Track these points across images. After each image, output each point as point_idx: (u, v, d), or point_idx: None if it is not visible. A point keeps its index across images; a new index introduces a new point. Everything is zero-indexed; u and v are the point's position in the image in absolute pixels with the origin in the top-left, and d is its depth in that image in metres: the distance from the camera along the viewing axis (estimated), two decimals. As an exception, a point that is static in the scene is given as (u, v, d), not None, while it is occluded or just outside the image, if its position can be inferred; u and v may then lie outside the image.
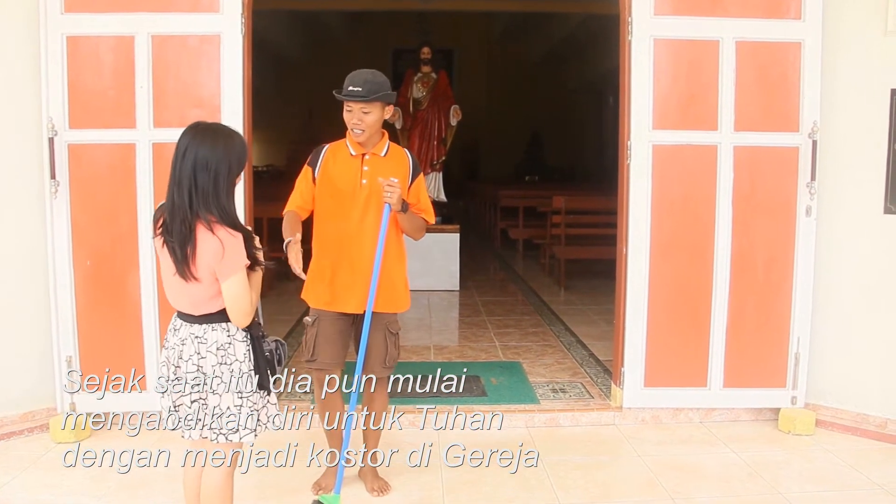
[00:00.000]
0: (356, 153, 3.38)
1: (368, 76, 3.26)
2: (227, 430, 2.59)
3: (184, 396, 2.59)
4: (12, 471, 3.75)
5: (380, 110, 3.30)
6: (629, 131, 4.29)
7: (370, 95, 3.21)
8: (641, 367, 4.41)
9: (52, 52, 4.08)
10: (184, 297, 2.58)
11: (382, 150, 3.41)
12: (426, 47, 8.72)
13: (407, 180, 3.41)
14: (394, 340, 3.47)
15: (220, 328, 2.58)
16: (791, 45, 4.24)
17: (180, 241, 2.47)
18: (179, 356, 2.59)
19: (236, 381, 2.59)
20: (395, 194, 3.22)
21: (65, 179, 4.13)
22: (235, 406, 2.59)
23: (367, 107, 3.24)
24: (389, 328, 3.44)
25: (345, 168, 3.37)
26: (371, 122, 3.28)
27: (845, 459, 3.97)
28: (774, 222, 4.33)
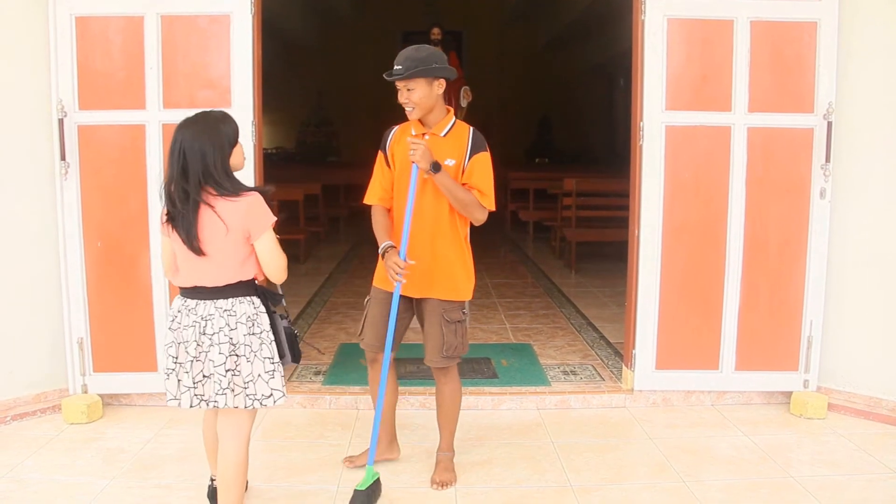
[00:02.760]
0: (416, 133, 3.31)
1: (411, 52, 3.18)
2: (262, 396, 2.74)
3: (216, 367, 2.69)
4: (25, 451, 3.77)
5: (425, 86, 3.19)
6: (641, 112, 4.26)
7: (407, 72, 3.13)
8: (653, 349, 4.39)
9: (61, 32, 4.06)
10: (206, 272, 2.70)
11: (443, 130, 3.30)
12: (436, 28, 8.67)
13: (462, 159, 3.27)
14: (453, 329, 3.33)
15: (246, 301, 2.74)
16: (806, 25, 4.18)
17: (186, 219, 2.63)
18: (202, 332, 2.69)
19: (266, 348, 2.76)
20: (416, 151, 3.13)
21: (75, 161, 4.13)
22: (267, 372, 2.75)
23: (410, 83, 3.17)
24: (445, 316, 3.33)
25: (406, 149, 3.26)
26: (418, 98, 3.19)
27: (857, 443, 3.95)
28: (788, 204, 4.29)
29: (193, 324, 2.71)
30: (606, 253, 8.54)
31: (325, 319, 6.16)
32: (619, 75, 13.67)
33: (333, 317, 6.25)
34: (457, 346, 3.36)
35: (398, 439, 3.73)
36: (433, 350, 3.36)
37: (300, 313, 6.29)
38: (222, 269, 2.70)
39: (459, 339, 3.37)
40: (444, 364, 3.38)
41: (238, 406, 2.73)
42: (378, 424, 3.35)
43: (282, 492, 3.36)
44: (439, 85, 3.23)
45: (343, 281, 7.81)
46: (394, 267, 3.17)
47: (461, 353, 3.39)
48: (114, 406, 4.36)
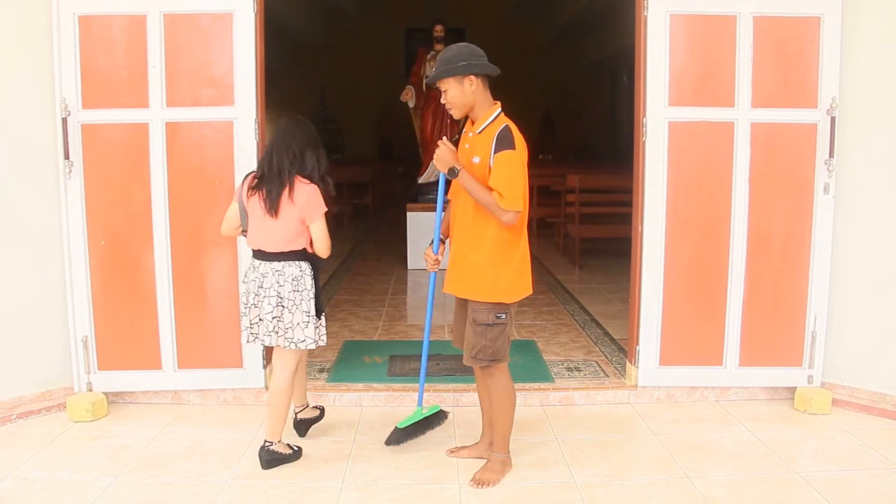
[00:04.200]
0: (467, 130, 3.38)
1: (443, 55, 3.25)
2: (297, 340, 3.47)
3: (265, 314, 3.44)
4: (31, 449, 3.78)
5: (457, 84, 3.22)
6: (645, 108, 4.25)
7: (436, 75, 3.21)
8: (657, 345, 4.39)
9: (65, 31, 4.07)
10: (274, 238, 3.45)
11: (480, 127, 3.29)
12: (439, 25, 8.65)
13: (487, 157, 3.22)
14: (480, 331, 3.30)
15: (294, 265, 3.47)
16: (810, 20, 4.17)
17: (275, 190, 3.39)
18: (260, 286, 3.46)
19: (305, 303, 3.47)
20: (437, 153, 3.24)
21: (79, 159, 4.14)
22: (304, 322, 3.46)
23: (442, 84, 3.23)
24: (473, 317, 3.33)
25: (459, 147, 3.38)
26: (451, 98, 3.24)
27: (862, 439, 3.94)
28: (792, 200, 4.29)
29: (255, 279, 3.48)
30: (610, 249, 8.53)
31: (330, 317, 6.16)
32: (623, 71, 13.66)
33: (337, 314, 6.26)
34: (481, 348, 3.31)
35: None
36: (465, 348, 3.40)
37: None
38: (281, 238, 3.43)
39: (486, 342, 3.31)
40: (471, 363, 3.39)
41: (281, 345, 3.48)
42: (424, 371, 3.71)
43: (286, 489, 3.37)
44: (470, 82, 3.22)
45: (347, 279, 7.81)
46: (425, 257, 3.50)
47: (491, 357, 3.33)
48: (118, 404, 4.37)
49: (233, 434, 3.98)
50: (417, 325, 6.08)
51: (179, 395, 4.38)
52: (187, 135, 4.20)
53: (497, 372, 3.41)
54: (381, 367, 4.83)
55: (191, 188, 4.21)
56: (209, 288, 4.29)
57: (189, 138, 4.20)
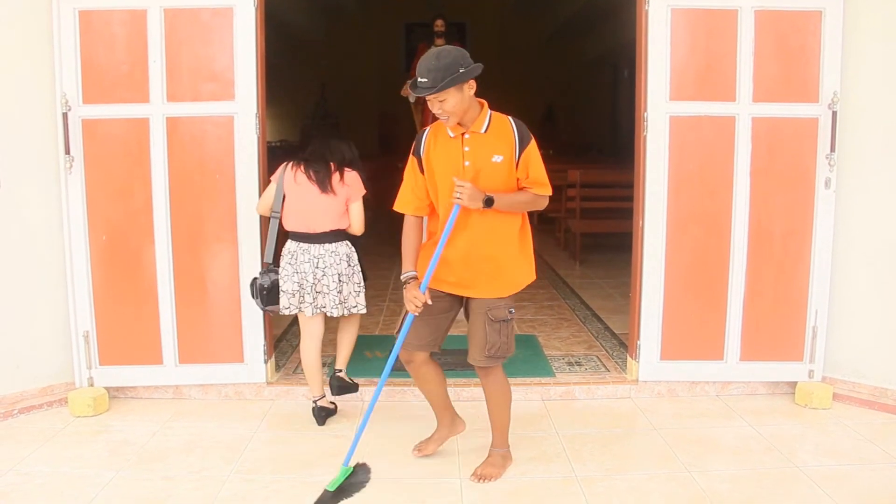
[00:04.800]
0: (455, 134, 3.16)
1: (432, 63, 2.98)
2: (351, 307, 4.03)
3: (330, 290, 3.94)
4: (32, 444, 3.79)
5: (457, 93, 3.02)
6: (646, 103, 4.25)
7: (437, 86, 2.96)
8: (657, 340, 4.39)
9: (65, 26, 4.06)
10: (326, 217, 3.92)
11: (483, 126, 3.16)
12: (440, 20, 8.63)
13: (513, 155, 3.15)
14: (497, 328, 3.24)
15: (343, 244, 4.00)
16: (811, 14, 4.16)
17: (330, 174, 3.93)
18: (316, 266, 3.93)
19: (356, 276, 4.04)
20: (465, 194, 3.01)
21: (79, 154, 4.14)
22: (356, 291, 4.04)
23: (440, 95, 3.00)
24: (490, 314, 3.24)
25: (446, 151, 3.17)
26: (451, 107, 3.04)
27: (863, 433, 3.94)
28: (793, 194, 4.28)
29: (309, 260, 3.92)
30: (611, 244, 8.53)
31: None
32: (624, 66, 13.64)
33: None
34: (500, 345, 3.27)
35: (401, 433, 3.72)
36: (476, 349, 3.29)
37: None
38: (333, 216, 3.92)
39: (504, 339, 3.27)
40: (487, 364, 3.31)
41: (343, 314, 4.01)
42: (364, 426, 3.37)
43: (288, 483, 3.37)
44: (469, 87, 3.08)
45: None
46: (413, 301, 3.17)
47: (506, 353, 3.31)
48: (120, 399, 4.37)
49: (234, 429, 3.99)
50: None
51: (180, 389, 4.38)
52: (188, 130, 4.19)
53: (498, 369, 3.39)
54: (383, 362, 4.81)
55: (192, 183, 4.21)
56: (210, 283, 4.30)
57: (190, 133, 4.20)
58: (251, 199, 4.21)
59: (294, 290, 3.95)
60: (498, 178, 3.15)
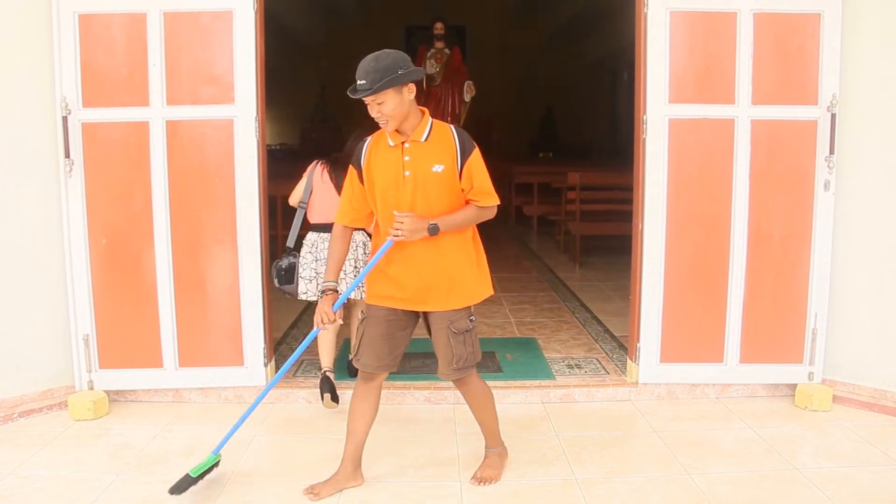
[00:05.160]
0: (395, 143, 3.07)
1: (370, 65, 2.91)
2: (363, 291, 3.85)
3: (347, 275, 4.24)
4: (32, 448, 3.79)
5: (396, 95, 2.94)
6: (645, 105, 4.25)
7: (374, 86, 2.88)
8: (657, 342, 4.39)
9: (65, 30, 4.07)
10: None
11: (423, 134, 3.06)
12: (439, 23, 8.67)
13: (455, 164, 3.06)
14: (461, 340, 3.17)
15: (360, 233, 4.31)
16: (810, 17, 4.17)
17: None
18: None
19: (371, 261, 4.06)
20: (405, 230, 2.96)
21: (79, 158, 4.14)
22: None
23: (379, 97, 2.93)
24: (452, 327, 3.16)
25: (386, 160, 3.08)
26: (390, 110, 2.96)
27: (862, 435, 3.94)
28: (792, 197, 4.29)
29: (326, 249, 4.19)
30: (611, 247, 8.54)
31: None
32: (623, 69, 13.66)
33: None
34: (467, 356, 3.21)
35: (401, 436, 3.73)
36: (444, 363, 3.23)
37: (304, 309, 6.30)
38: None
39: (469, 349, 3.21)
40: (456, 376, 3.25)
41: (360, 297, 4.15)
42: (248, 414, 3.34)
43: (288, 486, 3.37)
44: (409, 90, 2.99)
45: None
46: (322, 315, 3.09)
47: (473, 362, 3.25)
48: (120, 402, 4.37)
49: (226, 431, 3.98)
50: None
51: (180, 393, 4.38)
52: (188, 133, 4.20)
53: (472, 376, 3.31)
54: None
55: (191, 186, 4.21)
56: (210, 286, 4.30)
57: (189, 136, 4.20)
58: (251, 202, 4.22)
59: (311, 276, 4.32)
60: (440, 188, 3.06)
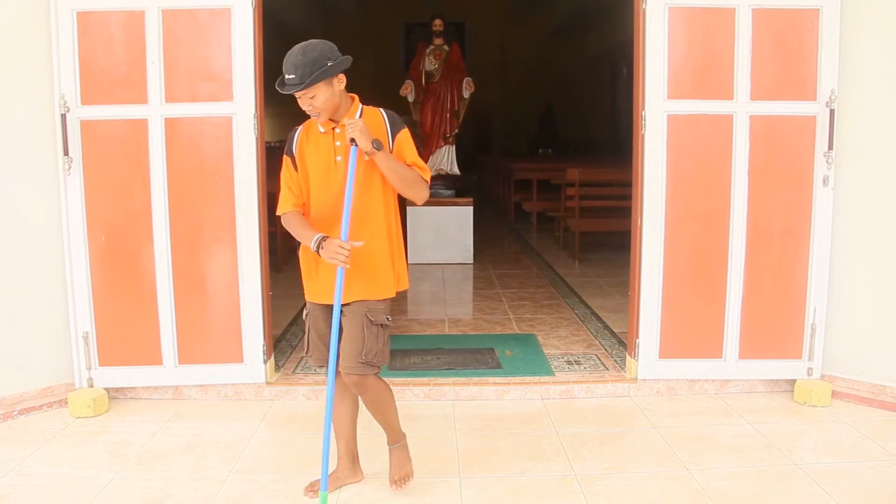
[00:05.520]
0: (325, 129, 3.03)
1: (298, 58, 2.84)
2: None
3: None
4: (32, 445, 3.79)
5: (326, 87, 2.89)
6: (643, 101, 4.25)
7: (304, 81, 2.82)
8: (656, 338, 4.40)
9: (63, 27, 4.07)
10: None
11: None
12: (438, 19, 8.66)
13: (386, 144, 3.02)
14: (375, 332, 3.04)
15: None
16: (809, 12, 4.17)
17: None
18: None
19: None
20: (356, 127, 2.86)
21: (78, 156, 4.14)
22: None
23: (310, 91, 2.86)
24: (370, 316, 3.03)
25: (317, 147, 3.05)
26: (321, 103, 2.90)
27: (862, 430, 3.95)
28: (791, 192, 4.29)
29: None
30: (610, 243, 8.55)
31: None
32: (623, 64, 13.65)
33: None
34: (377, 351, 3.05)
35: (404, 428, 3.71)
36: (352, 355, 3.02)
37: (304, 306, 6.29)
38: None
39: (381, 346, 3.06)
40: (361, 371, 3.04)
41: None
42: (328, 445, 3.07)
43: (289, 483, 3.37)
44: (339, 81, 2.95)
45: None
46: (339, 251, 2.86)
47: (381, 361, 3.10)
48: (119, 399, 4.38)
49: (234, 429, 3.99)
50: (417, 319, 6.09)
51: (180, 390, 4.39)
52: (186, 130, 4.20)
53: (373, 378, 3.14)
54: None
55: (190, 184, 4.21)
56: (209, 283, 4.30)
57: (188, 134, 4.20)
58: (250, 199, 4.22)
59: None
60: (371, 172, 3.00)
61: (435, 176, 8.66)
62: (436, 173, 8.67)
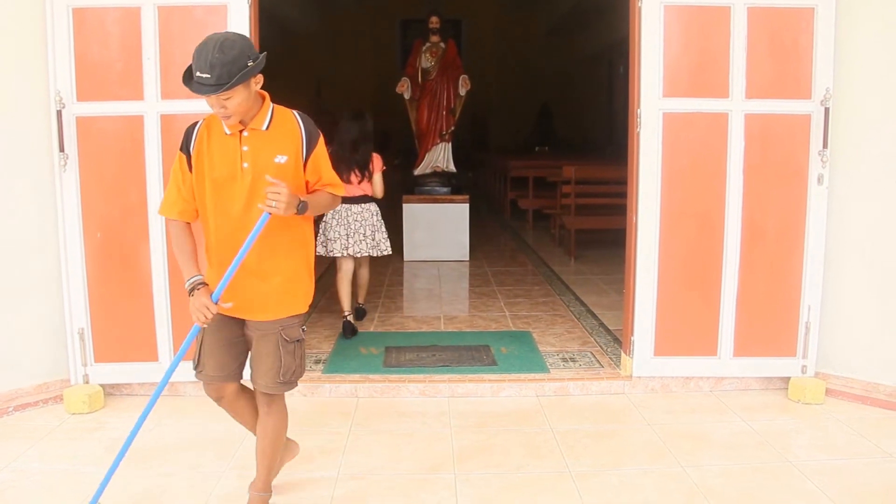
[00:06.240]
0: (232, 131, 2.70)
1: (215, 57, 2.52)
2: (383, 249, 5.67)
3: (364, 237, 5.52)
4: (27, 441, 3.79)
5: (244, 90, 2.59)
6: (639, 99, 4.26)
7: (222, 84, 2.52)
8: (651, 336, 4.41)
9: (59, 24, 4.06)
10: (357, 189, 5.47)
11: (264, 123, 2.72)
12: (435, 16, 8.65)
13: (299, 156, 2.75)
14: (291, 350, 2.84)
15: (373, 204, 5.64)
16: (803, 11, 4.18)
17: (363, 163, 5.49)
18: (355, 220, 5.51)
19: (382, 226, 5.69)
20: (281, 202, 2.56)
21: (73, 152, 4.14)
22: (384, 238, 5.67)
23: (226, 93, 2.55)
24: (284, 335, 2.82)
25: (221, 149, 2.72)
26: (236, 106, 2.59)
27: (855, 428, 3.97)
28: (786, 191, 4.30)
29: (347, 216, 5.50)
30: (606, 240, 8.55)
31: (325, 308, 6.18)
32: (619, 63, 13.65)
33: (334, 306, 6.26)
34: (294, 368, 2.87)
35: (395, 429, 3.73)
36: (269, 375, 2.83)
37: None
38: (366, 189, 5.52)
39: (297, 361, 2.88)
40: (279, 390, 2.88)
41: (373, 254, 5.61)
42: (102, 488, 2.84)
43: (283, 479, 3.38)
44: (256, 82, 2.66)
45: (343, 270, 7.82)
46: (203, 310, 2.67)
47: (298, 377, 2.92)
48: (115, 396, 4.38)
49: (229, 425, 3.97)
50: (413, 316, 6.10)
51: (176, 386, 4.38)
52: (182, 127, 4.10)
53: (283, 397, 2.98)
54: (377, 358, 4.85)
55: (186, 180, 4.21)
56: (205, 280, 4.29)
57: (183, 130, 4.18)
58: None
59: (335, 237, 5.50)
60: (282, 181, 2.63)
61: (431, 173, 8.66)
62: (431, 170, 8.67)
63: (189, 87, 2.59)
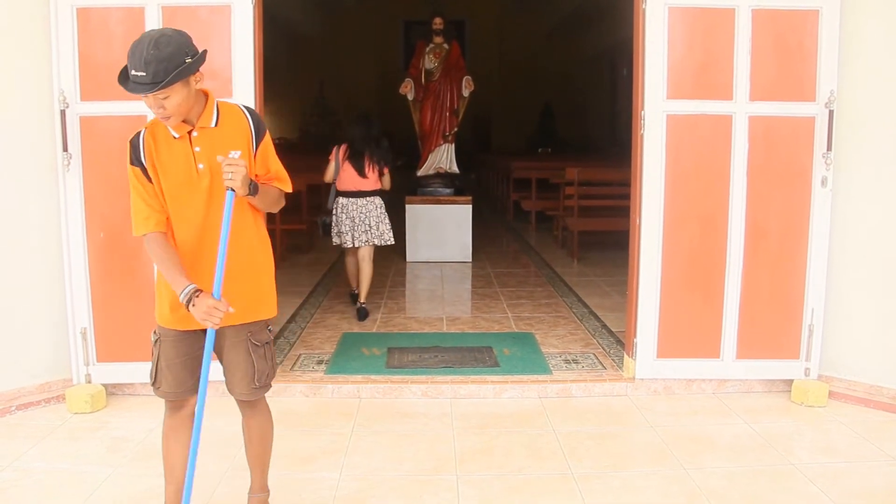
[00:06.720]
0: (180, 133, 2.59)
1: (151, 52, 2.37)
2: (386, 239, 6.12)
3: (370, 227, 6.03)
4: (30, 441, 3.80)
5: (183, 88, 2.46)
6: (643, 101, 4.25)
7: (159, 82, 2.38)
8: (654, 338, 4.40)
9: (63, 24, 4.07)
10: (368, 184, 6.05)
11: (212, 120, 2.62)
12: (438, 17, 8.64)
13: (250, 148, 2.67)
14: (262, 353, 2.80)
15: (379, 198, 6.13)
16: (808, 13, 4.17)
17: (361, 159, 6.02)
18: (361, 211, 6.01)
19: (386, 218, 6.16)
20: (238, 174, 2.48)
21: (77, 152, 4.14)
22: (387, 228, 6.15)
23: (163, 92, 2.41)
24: (253, 339, 2.78)
25: (171, 155, 2.61)
26: (175, 105, 2.47)
27: (858, 431, 3.96)
28: (789, 193, 4.29)
29: (355, 208, 6.03)
30: (609, 242, 8.53)
31: (329, 309, 6.18)
32: (622, 64, 13.65)
33: (336, 306, 6.27)
34: (268, 371, 2.84)
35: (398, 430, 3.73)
36: (243, 382, 2.80)
37: (303, 303, 6.31)
38: (372, 183, 6.07)
39: (270, 364, 2.85)
40: (256, 395, 2.86)
41: (377, 243, 6.09)
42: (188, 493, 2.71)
43: (285, 480, 3.38)
44: (196, 79, 2.53)
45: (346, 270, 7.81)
46: (213, 311, 2.52)
47: (272, 378, 2.90)
48: (117, 395, 4.38)
49: (229, 425, 3.97)
50: (416, 317, 6.10)
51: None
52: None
53: (264, 399, 2.96)
54: (380, 359, 4.85)
55: (189, 180, 4.21)
56: (208, 280, 4.29)
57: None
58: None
59: (345, 230, 6.01)
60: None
61: (434, 174, 8.66)
62: (435, 172, 8.67)
63: (125, 87, 2.45)
